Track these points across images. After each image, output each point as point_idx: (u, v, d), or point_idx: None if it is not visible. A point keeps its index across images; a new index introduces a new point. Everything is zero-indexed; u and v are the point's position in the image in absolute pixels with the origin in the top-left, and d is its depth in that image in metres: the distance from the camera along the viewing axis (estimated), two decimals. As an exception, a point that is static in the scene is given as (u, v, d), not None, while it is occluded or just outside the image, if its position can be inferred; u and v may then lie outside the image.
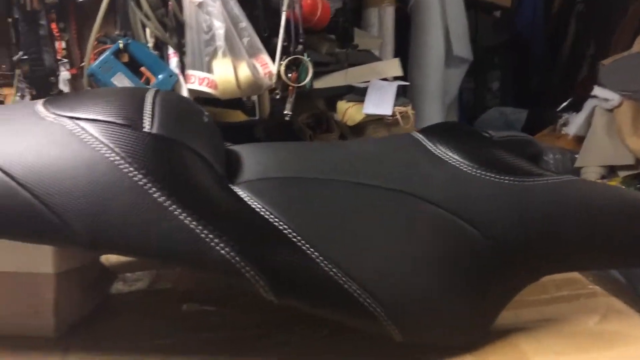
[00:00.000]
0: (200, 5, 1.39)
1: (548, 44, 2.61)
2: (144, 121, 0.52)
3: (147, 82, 1.40)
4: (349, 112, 1.84)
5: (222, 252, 0.48)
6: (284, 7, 1.47)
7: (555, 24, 2.64)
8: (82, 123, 0.51)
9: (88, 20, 1.41)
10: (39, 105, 0.54)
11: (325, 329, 0.58)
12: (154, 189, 0.49)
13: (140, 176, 0.49)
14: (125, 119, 0.52)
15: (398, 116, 1.78)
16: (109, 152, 0.49)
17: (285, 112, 1.53)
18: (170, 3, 1.38)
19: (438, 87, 2.32)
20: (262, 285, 0.49)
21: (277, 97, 1.53)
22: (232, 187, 0.54)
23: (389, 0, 2.26)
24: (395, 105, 1.78)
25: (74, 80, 1.47)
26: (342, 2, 1.83)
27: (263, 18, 1.49)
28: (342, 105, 1.87)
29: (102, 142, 0.49)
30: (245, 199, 0.53)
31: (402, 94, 1.91)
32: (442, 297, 0.53)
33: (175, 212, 0.48)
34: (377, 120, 1.82)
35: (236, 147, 0.65)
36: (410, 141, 0.61)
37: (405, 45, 2.32)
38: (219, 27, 1.40)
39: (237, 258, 0.48)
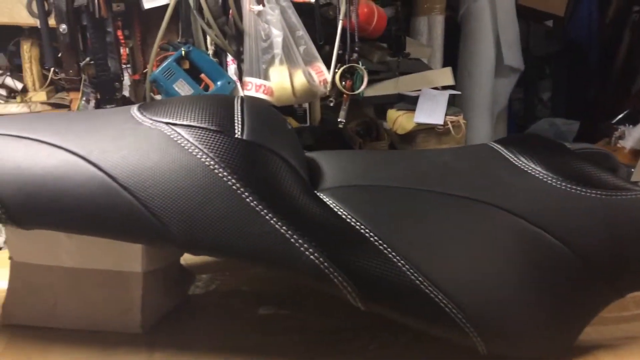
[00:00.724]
0: (259, 13, 1.42)
1: (602, 54, 2.56)
2: (235, 127, 0.54)
3: (206, 88, 1.43)
4: (400, 120, 1.83)
5: (312, 257, 0.49)
6: (341, 16, 1.48)
7: (609, 33, 2.58)
8: (178, 129, 0.53)
9: (151, 27, 1.45)
10: (134, 110, 0.56)
11: (404, 337, 0.58)
12: (246, 193, 0.50)
13: (233, 180, 0.50)
14: (218, 125, 0.53)
15: (449, 125, 1.76)
16: (205, 157, 0.51)
17: (339, 119, 1.53)
18: (230, 11, 1.41)
19: (487, 97, 2.30)
20: (349, 292, 0.49)
21: (331, 104, 1.54)
22: (317, 193, 0.55)
23: (438, 9, 2.26)
24: (446, 114, 1.77)
25: (135, 86, 1.52)
26: (395, 10, 1.83)
27: (320, 26, 1.51)
28: (392, 113, 1.87)
29: (198, 147, 0.51)
30: (331, 206, 0.54)
31: (452, 103, 1.90)
32: (527, 311, 0.52)
33: (267, 217, 0.50)
34: (427, 129, 1.81)
35: (312, 154, 0.66)
36: (490, 152, 0.61)
37: (453, 54, 2.31)
38: (277, 35, 1.43)
39: (325, 264, 0.49)
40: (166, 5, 1.39)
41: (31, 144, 0.51)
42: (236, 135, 0.54)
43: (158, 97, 1.43)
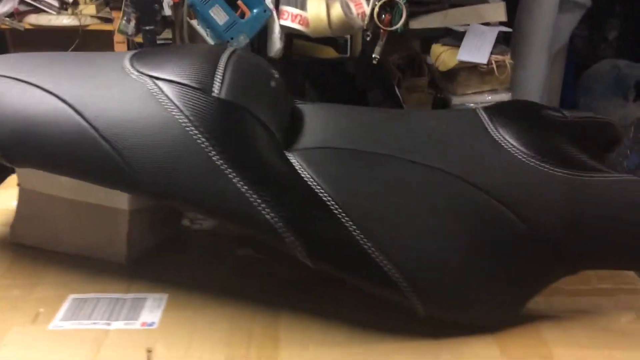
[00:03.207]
0: (298, -61, 1.38)
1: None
2: (214, 85, 0.56)
3: (242, 15, 1.43)
4: (442, 56, 1.77)
5: (267, 217, 0.53)
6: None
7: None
8: (160, 83, 0.56)
9: (192, -51, 1.45)
10: (126, 60, 0.59)
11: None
12: (214, 152, 0.53)
13: (204, 139, 0.54)
14: (199, 82, 0.56)
15: (493, 65, 1.70)
16: (180, 115, 0.54)
17: (373, 55, 1.51)
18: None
19: (545, 35, 2.16)
20: (299, 251, 0.53)
21: (368, 39, 1.51)
22: (287, 154, 0.58)
23: None
24: (492, 53, 1.70)
25: (175, 9, 1.53)
26: (451, -64, 1.72)
27: (361, -45, 1.45)
28: (436, 48, 1.81)
29: (175, 105, 0.54)
30: (297, 168, 0.57)
31: (504, 41, 1.81)
32: (472, 278, 0.55)
33: (230, 176, 0.53)
34: (470, 67, 1.74)
35: (305, 106, 0.67)
36: (474, 121, 0.61)
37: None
38: (316, -37, 1.39)
39: (279, 224, 0.53)
40: None
41: (28, 88, 0.56)
42: (214, 94, 0.56)
43: (194, 22, 1.45)
